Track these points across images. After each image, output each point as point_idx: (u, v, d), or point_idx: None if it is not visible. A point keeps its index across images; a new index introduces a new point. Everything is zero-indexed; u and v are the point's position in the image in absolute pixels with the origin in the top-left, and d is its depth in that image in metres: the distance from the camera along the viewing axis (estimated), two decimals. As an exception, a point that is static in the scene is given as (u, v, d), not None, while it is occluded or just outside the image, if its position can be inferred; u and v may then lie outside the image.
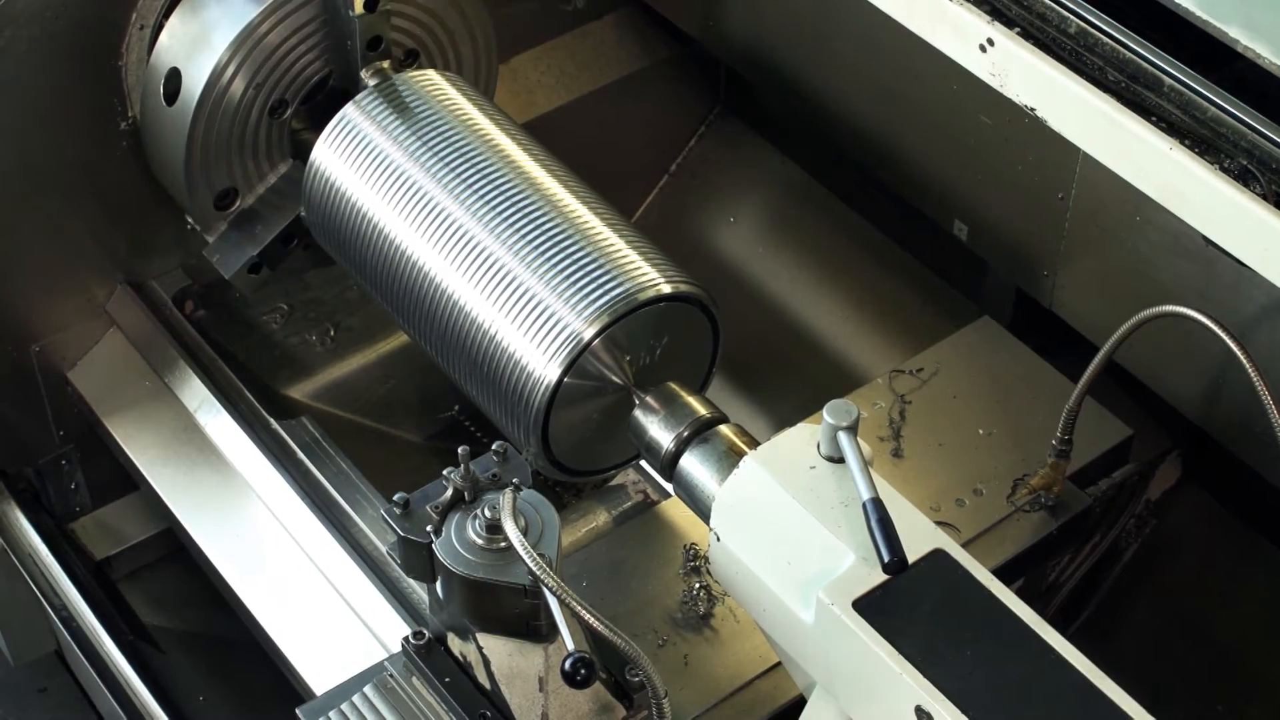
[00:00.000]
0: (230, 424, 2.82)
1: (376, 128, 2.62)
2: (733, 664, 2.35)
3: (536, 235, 2.42)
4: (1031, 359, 2.74)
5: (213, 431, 2.84)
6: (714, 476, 2.23)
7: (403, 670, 2.23)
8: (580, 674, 1.94)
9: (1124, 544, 2.83)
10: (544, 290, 2.37)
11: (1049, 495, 2.53)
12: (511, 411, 2.39)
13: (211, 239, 2.84)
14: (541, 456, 2.39)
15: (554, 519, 2.13)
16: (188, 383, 2.90)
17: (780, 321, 3.31)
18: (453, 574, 2.10)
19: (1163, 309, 2.27)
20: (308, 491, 2.70)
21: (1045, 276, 2.70)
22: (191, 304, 3.06)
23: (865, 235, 3.31)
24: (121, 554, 3.16)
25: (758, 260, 3.40)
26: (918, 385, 2.70)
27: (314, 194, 2.66)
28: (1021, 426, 2.61)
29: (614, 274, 2.36)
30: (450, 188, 2.51)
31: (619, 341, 2.34)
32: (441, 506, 2.13)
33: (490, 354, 2.40)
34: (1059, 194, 2.57)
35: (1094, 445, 2.60)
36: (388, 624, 2.49)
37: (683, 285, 2.37)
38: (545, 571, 1.97)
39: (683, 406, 2.33)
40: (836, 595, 1.94)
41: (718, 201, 3.48)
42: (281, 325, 3.15)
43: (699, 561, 2.46)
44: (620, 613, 2.37)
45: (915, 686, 1.86)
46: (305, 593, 2.60)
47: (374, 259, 2.57)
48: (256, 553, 2.68)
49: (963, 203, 2.81)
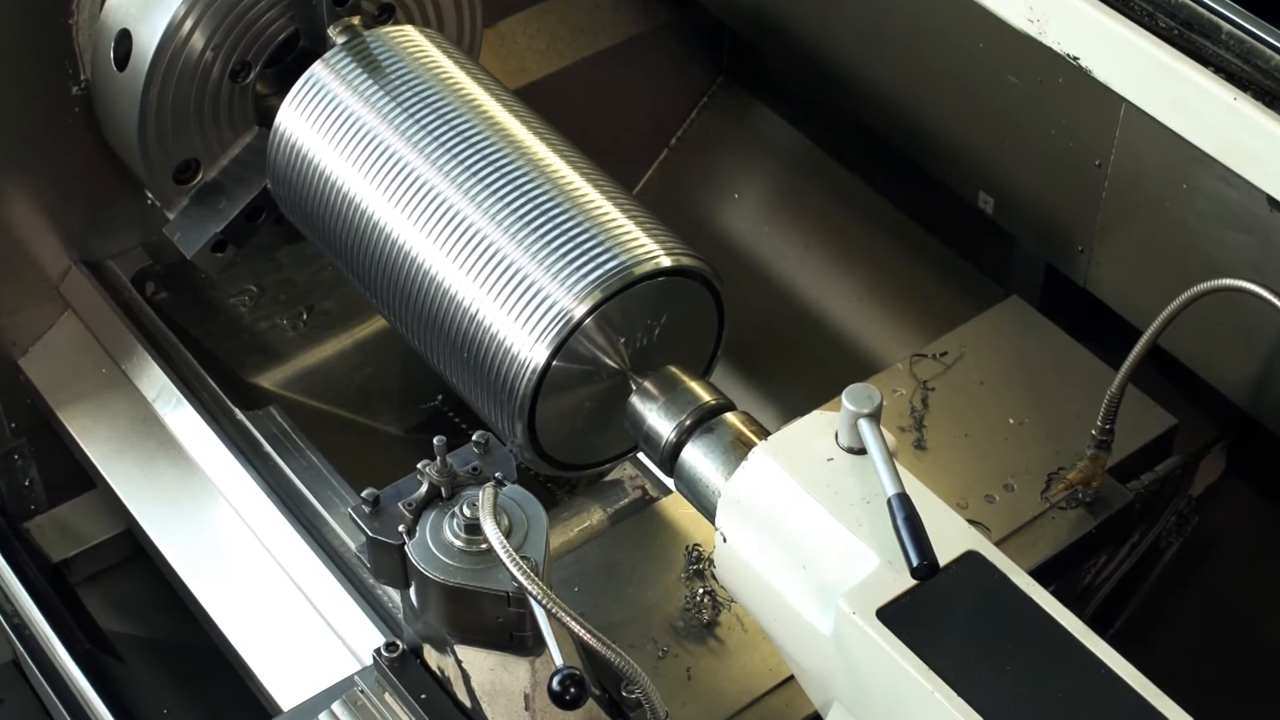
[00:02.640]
0: (191, 415, 2.74)
1: (347, 88, 2.52)
2: (740, 678, 2.27)
3: (523, 204, 2.33)
4: (1065, 341, 2.66)
5: (172, 423, 2.77)
6: (720, 470, 2.14)
7: (374, 685, 2.14)
8: (570, 693, 1.83)
9: (1164, 543, 2.77)
10: (530, 264, 2.28)
11: (1087, 491, 2.44)
12: (495, 399, 2.30)
13: (172, 215, 2.75)
14: (528, 448, 2.30)
15: (541, 517, 2.02)
16: (147, 371, 2.83)
17: (788, 305, 3.27)
18: (428, 579, 1.99)
19: (1220, 282, 2.15)
20: (275, 488, 2.63)
21: (1079, 252, 2.63)
22: (152, 285, 3.00)
23: (880, 211, 3.25)
24: (80, 556, 3.10)
25: (764, 240, 3.36)
26: (941, 370, 2.61)
27: (279, 162, 2.56)
28: (1055, 415, 2.53)
29: (608, 246, 2.27)
30: (428, 153, 2.42)
31: (613, 320, 2.25)
32: (415, 504, 2.02)
33: (472, 336, 2.31)
34: (1096, 160, 2.50)
35: (1135, 436, 2.51)
36: (361, 634, 2.42)
37: (684, 258, 2.28)
38: (530, 577, 1.85)
39: (685, 392, 2.23)
40: (858, 603, 1.85)
41: (721, 177, 3.44)
42: (250, 308, 3.09)
43: (703, 564, 2.38)
44: (616, 622, 2.31)
45: (948, 706, 1.76)
46: (271, 599, 2.53)
47: (344, 233, 2.48)
48: (218, 555, 2.61)
49: (988, 173, 2.74)
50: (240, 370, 3.02)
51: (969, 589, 1.87)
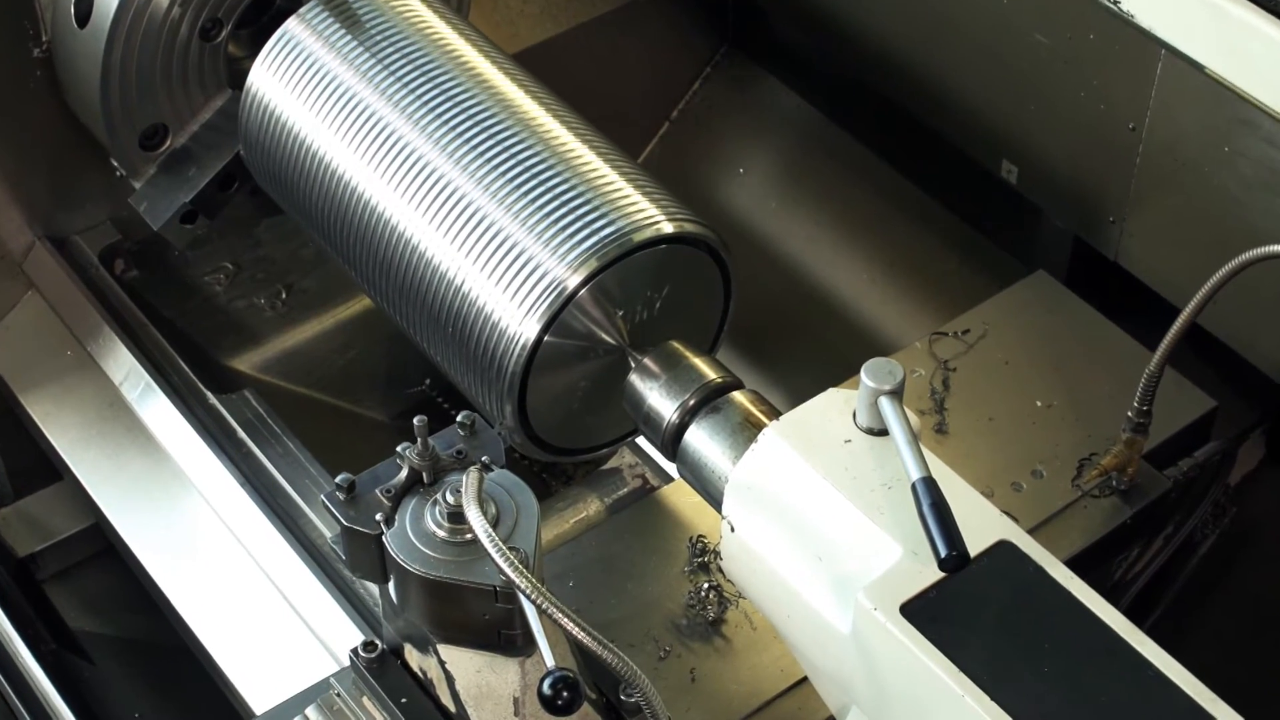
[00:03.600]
0: (161, 400, 2.69)
1: (324, 45, 2.47)
2: (749, 680, 2.22)
3: (513, 168, 2.27)
4: (1094, 319, 2.60)
5: (141, 409, 2.71)
6: (727, 453, 2.08)
7: (351, 688, 2.08)
8: (563, 696, 1.75)
9: (1199, 536, 2.68)
10: (520, 232, 2.23)
11: (1122, 478, 2.36)
12: (483, 378, 2.25)
13: (138, 184, 2.70)
14: (518, 431, 2.26)
15: (531, 505, 1.96)
16: (115, 353, 2.78)
17: (797, 286, 3.23)
18: (408, 573, 1.92)
19: (1270, 250, 2.05)
20: (250, 478, 2.58)
21: (1110, 223, 2.57)
22: (122, 263, 2.95)
23: (894, 185, 3.19)
24: (48, 550, 3.04)
25: (771, 217, 3.31)
26: (963, 350, 2.54)
27: (251, 126, 2.50)
28: (1086, 397, 2.47)
29: (604, 211, 2.21)
30: (411, 114, 2.36)
31: (610, 292, 2.20)
32: (394, 490, 1.96)
33: (457, 310, 2.26)
34: (1129, 124, 2.44)
35: (1172, 420, 2.44)
36: (340, 633, 2.37)
37: (687, 224, 2.22)
38: (519, 570, 1.77)
39: (688, 370, 2.17)
40: (880, 598, 1.78)
41: (725, 151, 3.40)
42: (226, 287, 3.05)
43: (708, 557, 2.33)
44: (613, 619, 2.26)
45: (979, 711, 1.69)
46: (245, 596, 2.48)
47: (321, 201, 2.43)
48: (189, 549, 2.56)
49: (1013, 140, 2.69)
50: (215, 353, 2.98)
51: (1002, 582, 1.81)
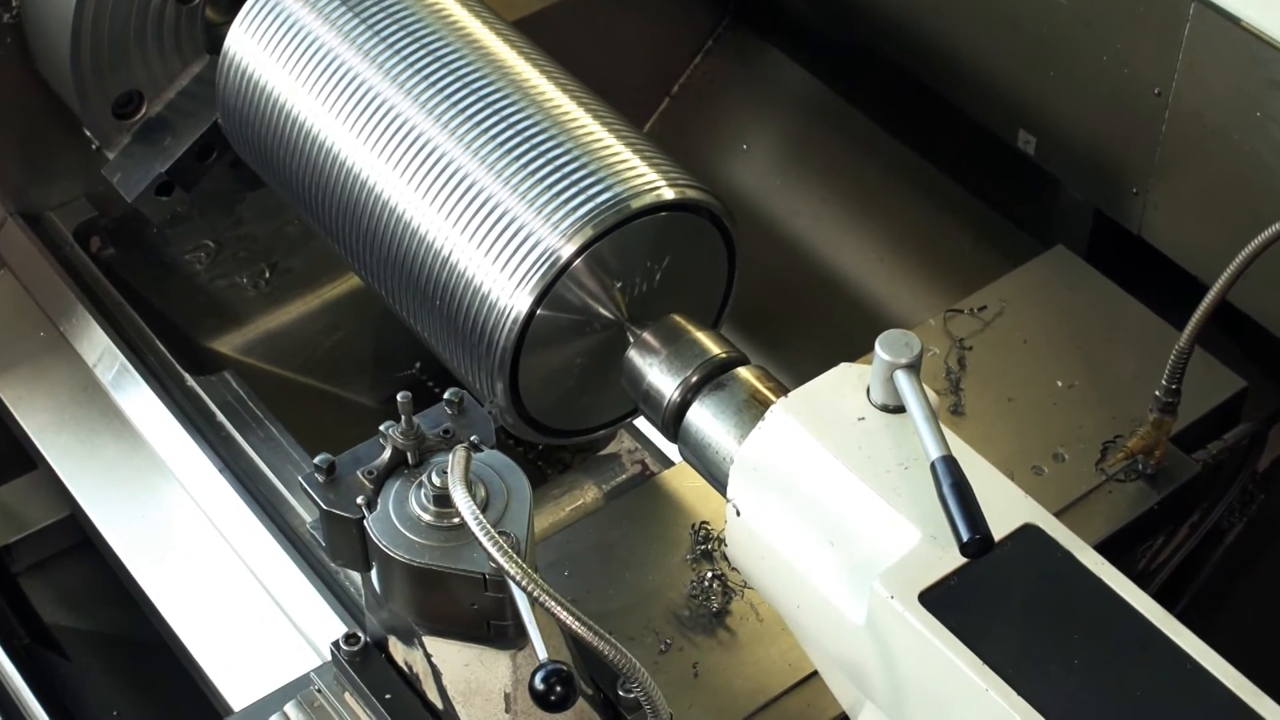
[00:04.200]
0: (136, 381, 2.68)
1: (306, 6, 2.43)
2: (755, 675, 2.18)
3: (504, 131, 2.23)
4: (1117, 295, 2.56)
5: (115, 391, 2.70)
6: (732, 432, 2.04)
7: (332, 683, 2.05)
8: (556, 691, 1.70)
9: (1226, 524, 2.60)
10: (512, 199, 2.18)
11: (1149, 461, 2.31)
12: (472, 354, 2.20)
13: (112, 154, 2.69)
14: (510, 411, 2.21)
15: (524, 488, 1.91)
16: (89, 333, 2.77)
17: (802, 265, 3.19)
18: (391, 559, 1.87)
19: None
20: (229, 464, 2.56)
21: (1133, 195, 2.53)
22: (98, 240, 2.93)
23: (903, 160, 3.15)
24: (23, 542, 2.95)
25: (775, 194, 3.26)
26: (979, 327, 2.50)
27: (229, 92, 2.47)
28: (1109, 377, 2.43)
29: (601, 176, 2.17)
30: (397, 78, 2.33)
31: (607, 262, 2.16)
32: (377, 472, 1.91)
33: (445, 282, 2.22)
34: (1154, 88, 2.39)
35: (1200, 400, 2.38)
36: (324, 626, 2.34)
37: (689, 190, 2.18)
38: (509, 556, 1.71)
39: (690, 344, 2.13)
40: (897, 585, 1.74)
41: (728, 127, 3.35)
42: (207, 266, 3.03)
43: (712, 544, 2.29)
44: (611, 610, 2.23)
45: (1005, 706, 1.65)
46: (224, 587, 2.45)
47: (303, 170, 2.39)
48: (166, 538, 2.53)
49: (1030, 108, 2.65)
50: (195, 334, 2.96)
51: (1028, 568, 1.77)
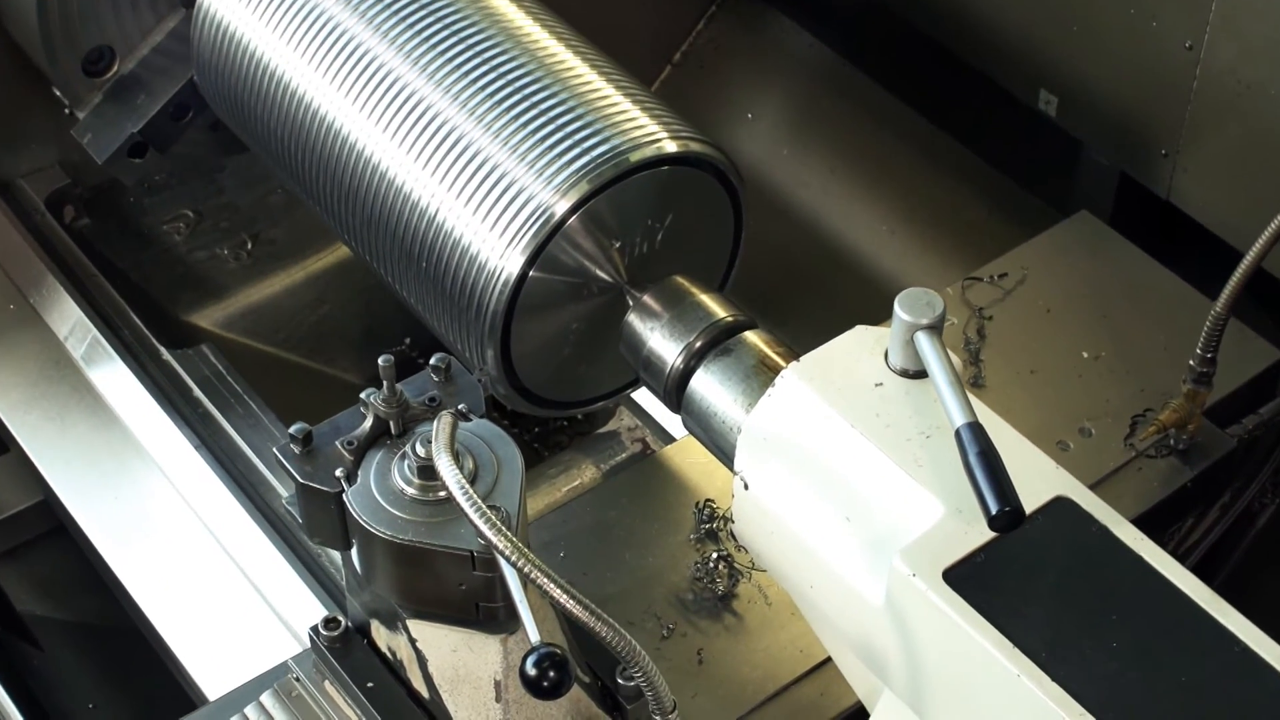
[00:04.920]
0: (108, 355, 2.63)
1: None
2: (764, 662, 2.14)
3: (495, 82, 2.18)
4: (1145, 262, 2.51)
5: (87, 365, 2.65)
6: (739, 400, 1.98)
7: (311, 671, 1.99)
8: (549, 677, 1.64)
9: (1257, 505, 2.55)
10: (503, 153, 2.12)
11: (1181, 435, 2.27)
12: (461, 319, 2.14)
13: (83, 114, 2.66)
14: (502, 380, 2.15)
15: (515, 459, 1.83)
16: (60, 306, 2.72)
17: (810, 238, 3.15)
18: (373, 536, 1.81)
19: None
20: (206, 441, 2.52)
21: (1163, 157, 2.49)
22: (72, 210, 2.90)
23: (915, 128, 3.11)
24: None
25: (782, 164, 3.22)
26: (1000, 296, 2.46)
27: (205, 46, 2.42)
28: (1137, 348, 2.39)
29: (598, 128, 2.11)
30: (381, 28, 2.28)
31: (604, 220, 2.10)
32: (358, 442, 1.84)
33: (433, 243, 2.16)
34: (1185, 42, 2.36)
35: (1234, 373, 2.35)
36: (304, 611, 2.30)
37: (693, 143, 2.12)
38: (498, 530, 1.64)
39: (694, 308, 2.07)
40: (919, 562, 1.68)
41: (732, 95, 3.32)
42: (186, 237, 2.99)
43: (717, 523, 2.25)
44: (610, 593, 2.18)
45: (1038, 693, 1.58)
46: (200, 571, 2.41)
47: (282, 127, 2.34)
48: (139, 520, 2.48)
49: (1052, 66, 2.61)
50: (173, 308, 2.92)
51: (1060, 544, 1.70)
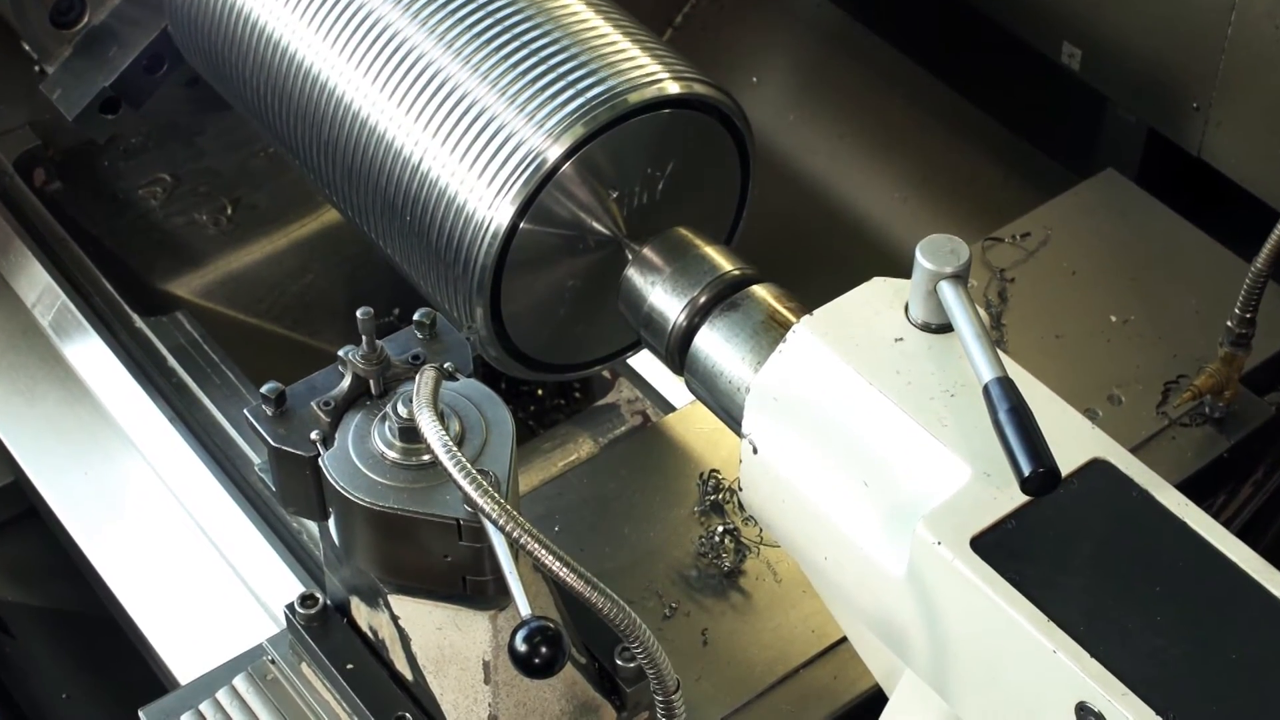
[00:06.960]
0: (78, 322, 2.58)
1: None
2: (773, 642, 2.08)
3: (482, 21, 2.09)
4: (1175, 221, 2.46)
5: (56, 333, 2.61)
6: (747, 359, 1.91)
7: (288, 652, 1.94)
8: (541, 653, 1.54)
9: None
10: (491, 96, 2.03)
11: (1217, 403, 2.22)
12: (448, 275, 2.07)
13: (52, 68, 2.60)
14: (493, 341, 2.08)
15: (505, 421, 1.75)
16: (29, 273, 2.67)
17: (819, 205, 3.09)
18: (351, 504, 1.74)
19: None
20: (180, 413, 2.48)
21: (1194, 111, 2.44)
22: (43, 173, 2.87)
23: (928, 90, 3.06)
24: None
25: (789, 130, 3.15)
26: (1022, 257, 2.41)
27: None
28: (1168, 311, 2.35)
29: (594, 69, 2.02)
30: None
31: (600, 168, 2.02)
32: (335, 403, 1.77)
33: (417, 193, 2.08)
34: None
35: (1271, 338, 2.30)
36: (282, 590, 2.26)
37: (696, 85, 2.04)
38: (487, 493, 1.55)
39: (698, 260, 1.99)
40: (945, 529, 1.61)
41: (737, 58, 3.26)
42: (163, 202, 2.95)
43: (723, 495, 2.20)
44: (609, 569, 2.13)
45: (1075, 670, 1.52)
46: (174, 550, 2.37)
47: (259, 76, 2.26)
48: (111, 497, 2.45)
49: (1075, 17, 2.56)
50: (149, 275, 2.86)
51: (1098, 509, 1.63)
